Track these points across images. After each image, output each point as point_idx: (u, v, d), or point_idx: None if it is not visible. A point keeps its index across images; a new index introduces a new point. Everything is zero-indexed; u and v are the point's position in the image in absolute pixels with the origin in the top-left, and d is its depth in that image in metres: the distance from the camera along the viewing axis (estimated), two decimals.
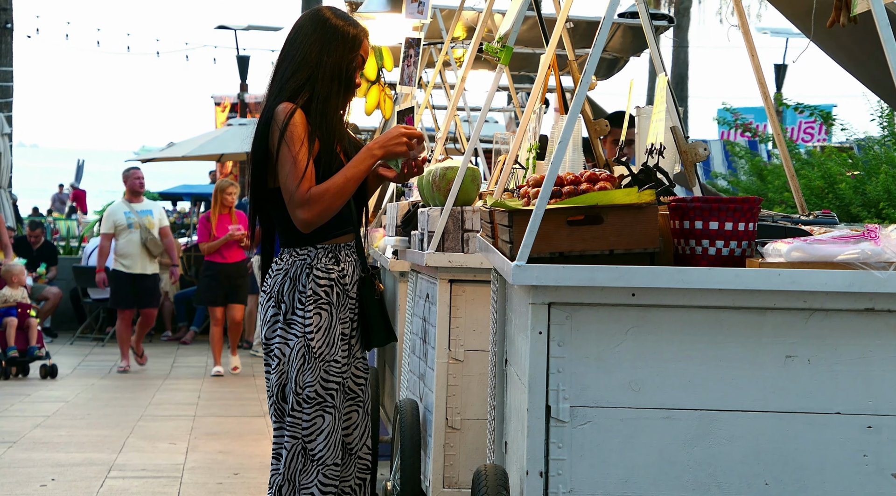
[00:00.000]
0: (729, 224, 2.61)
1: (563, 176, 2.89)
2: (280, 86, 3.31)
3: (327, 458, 3.29)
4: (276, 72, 3.39)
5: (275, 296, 3.32)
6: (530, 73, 10.81)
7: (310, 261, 3.31)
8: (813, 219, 3.15)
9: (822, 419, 2.48)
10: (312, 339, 3.28)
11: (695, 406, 2.49)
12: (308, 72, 3.30)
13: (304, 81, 3.29)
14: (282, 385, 3.32)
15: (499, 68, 4.56)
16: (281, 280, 3.33)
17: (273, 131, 3.26)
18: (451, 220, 4.36)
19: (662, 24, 9.18)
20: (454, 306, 4.29)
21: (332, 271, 3.32)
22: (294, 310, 3.30)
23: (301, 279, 3.30)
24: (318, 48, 3.30)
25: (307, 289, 3.29)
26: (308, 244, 3.33)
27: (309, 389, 3.28)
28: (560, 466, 2.49)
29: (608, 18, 2.60)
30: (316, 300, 3.29)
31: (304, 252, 3.33)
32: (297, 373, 3.28)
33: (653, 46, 4.09)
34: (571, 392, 2.51)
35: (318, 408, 3.30)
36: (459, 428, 4.25)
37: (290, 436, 3.30)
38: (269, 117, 3.28)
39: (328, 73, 3.30)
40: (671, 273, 2.49)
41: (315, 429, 3.29)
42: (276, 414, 3.35)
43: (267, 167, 3.30)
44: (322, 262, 3.31)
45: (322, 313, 3.29)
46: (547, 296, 2.51)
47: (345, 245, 3.37)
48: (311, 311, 3.29)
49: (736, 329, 2.50)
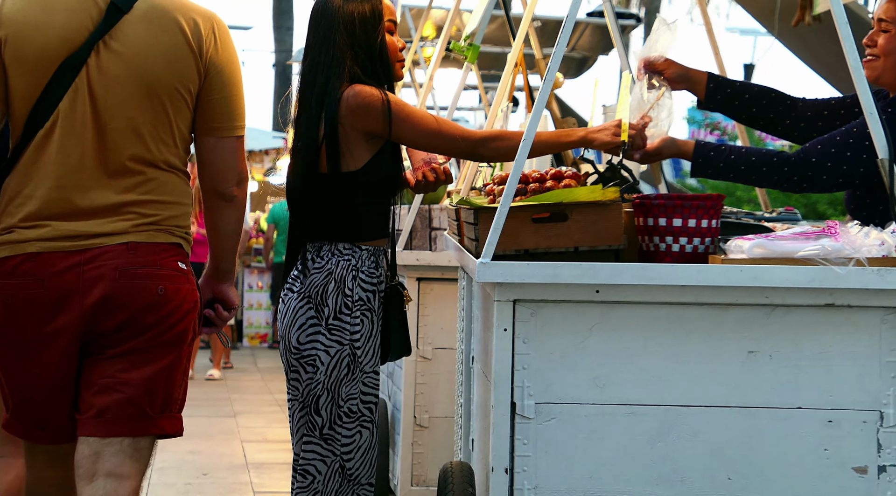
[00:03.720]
0: (692, 221, 2.63)
1: (529, 173, 2.90)
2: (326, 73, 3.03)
3: (362, 477, 3.08)
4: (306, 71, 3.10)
5: (313, 298, 3.03)
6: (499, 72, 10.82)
7: (355, 262, 3.05)
8: (776, 216, 3.18)
9: (783, 414, 2.51)
10: (359, 347, 3.04)
11: (658, 402, 2.51)
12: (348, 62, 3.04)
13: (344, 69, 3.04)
14: (316, 396, 3.05)
15: (466, 66, 4.57)
16: (323, 281, 3.04)
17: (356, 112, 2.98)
18: (418, 218, 4.37)
19: (630, 23, 9.24)
20: (422, 304, 4.30)
21: (374, 276, 3.08)
22: (337, 316, 3.03)
23: (347, 282, 3.03)
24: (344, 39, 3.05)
25: (353, 294, 3.04)
26: (350, 243, 3.05)
27: (351, 402, 3.05)
28: (525, 463, 2.50)
29: (571, 16, 2.62)
30: (362, 306, 3.05)
31: (348, 252, 3.05)
32: (340, 384, 3.03)
33: (618, 45, 4.12)
34: (536, 388, 2.52)
35: (357, 423, 3.07)
36: (427, 426, 4.26)
37: (329, 451, 3.06)
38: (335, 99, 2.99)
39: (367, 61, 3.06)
40: (635, 269, 2.51)
41: (354, 445, 3.06)
42: (308, 427, 3.07)
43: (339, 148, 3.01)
44: (366, 265, 3.07)
45: (366, 320, 3.06)
46: (512, 294, 2.52)
47: (382, 250, 3.13)
48: (357, 317, 3.04)
49: (699, 325, 2.52)
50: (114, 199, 2.69)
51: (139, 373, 2.71)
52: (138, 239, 2.69)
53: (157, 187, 2.73)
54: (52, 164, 2.68)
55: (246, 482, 5.80)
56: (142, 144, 2.72)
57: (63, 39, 2.66)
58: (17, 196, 2.69)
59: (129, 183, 2.71)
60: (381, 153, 3.04)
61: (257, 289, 12.69)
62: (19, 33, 2.65)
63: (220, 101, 2.78)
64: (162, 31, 2.71)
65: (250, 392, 9.09)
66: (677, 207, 2.63)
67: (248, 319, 12.71)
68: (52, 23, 2.65)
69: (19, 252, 2.66)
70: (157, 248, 2.71)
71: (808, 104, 3.18)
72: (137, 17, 2.69)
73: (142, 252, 2.68)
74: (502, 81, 4.35)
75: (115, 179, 2.70)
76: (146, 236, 2.70)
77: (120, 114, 2.69)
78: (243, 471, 6.06)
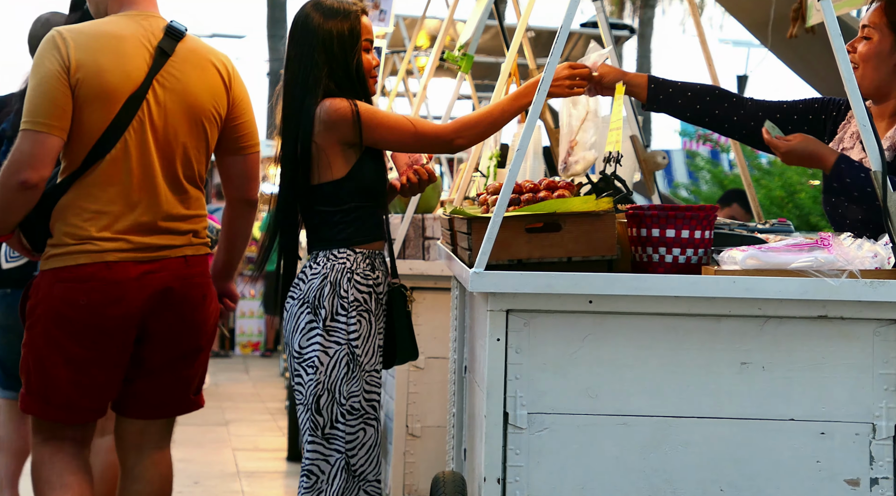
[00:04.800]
0: (685, 232, 2.63)
1: (522, 183, 2.90)
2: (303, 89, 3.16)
3: (368, 474, 3.14)
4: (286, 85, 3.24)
5: (310, 302, 3.13)
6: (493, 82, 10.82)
7: (349, 265, 3.15)
8: (769, 227, 3.18)
9: (776, 425, 2.51)
10: (357, 347, 3.12)
11: (651, 412, 2.51)
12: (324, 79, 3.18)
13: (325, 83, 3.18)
14: (317, 396, 3.11)
15: (459, 76, 4.58)
16: (319, 284, 3.14)
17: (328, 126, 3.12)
18: (411, 227, 4.37)
19: (623, 33, 9.25)
20: (415, 313, 4.28)
21: (369, 277, 3.17)
22: (334, 317, 3.12)
23: (342, 284, 3.13)
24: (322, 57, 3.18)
25: (349, 295, 3.13)
26: (345, 247, 3.16)
27: (353, 400, 3.12)
28: (517, 473, 2.50)
29: (565, 27, 2.62)
30: (358, 307, 3.14)
31: (342, 255, 3.15)
32: (340, 383, 3.11)
33: (612, 56, 4.12)
34: (529, 398, 2.51)
35: (361, 420, 3.13)
36: (419, 435, 4.25)
37: (333, 450, 3.12)
38: (309, 116, 3.13)
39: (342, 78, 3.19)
40: (627, 280, 2.51)
41: (357, 442, 3.13)
42: (311, 427, 3.14)
43: (310, 165, 3.15)
44: (361, 267, 3.16)
45: (363, 320, 3.14)
46: (505, 303, 2.52)
47: (378, 252, 3.22)
48: (353, 318, 3.13)
49: (692, 336, 2.52)
50: (175, 215, 3.22)
51: (184, 365, 3.29)
52: (191, 252, 3.24)
53: (196, 201, 3.27)
54: (123, 185, 3.15)
55: (237, 491, 5.79)
56: (190, 165, 3.24)
57: (127, 78, 3.15)
58: (85, 211, 3.15)
59: (184, 199, 3.24)
60: (362, 159, 3.18)
61: (249, 298, 12.66)
62: (92, 75, 3.12)
63: (243, 124, 3.32)
64: (201, 70, 3.24)
65: (242, 400, 9.07)
66: (670, 218, 2.63)
67: (241, 328, 12.67)
68: (118, 66, 3.14)
69: (97, 261, 3.14)
70: (202, 259, 3.28)
71: (759, 104, 3.18)
72: (181, 59, 3.21)
73: (193, 263, 3.24)
74: (496, 92, 4.35)
75: (176, 197, 3.22)
76: (194, 249, 3.25)
77: (176, 139, 3.21)
78: (234, 480, 6.05)
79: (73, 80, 3.10)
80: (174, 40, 3.20)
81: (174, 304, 3.20)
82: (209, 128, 3.25)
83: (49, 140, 3.09)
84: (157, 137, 3.18)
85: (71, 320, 3.14)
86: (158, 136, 3.18)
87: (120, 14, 3.22)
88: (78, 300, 3.13)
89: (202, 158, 3.26)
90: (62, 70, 3.10)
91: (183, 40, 3.22)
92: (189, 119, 3.21)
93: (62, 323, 3.14)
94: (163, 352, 3.24)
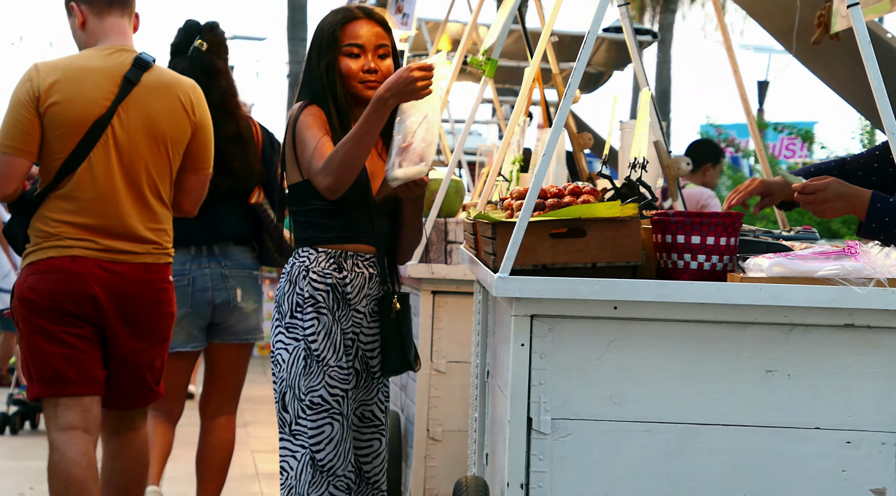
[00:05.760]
0: (711, 238, 2.62)
1: (547, 189, 2.90)
2: (295, 92, 3.31)
3: (337, 468, 3.12)
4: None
5: (277, 300, 3.21)
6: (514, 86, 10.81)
7: (308, 263, 3.17)
8: (794, 234, 3.17)
9: (801, 434, 2.50)
10: (314, 342, 3.13)
11: (675, 419, 2.50)
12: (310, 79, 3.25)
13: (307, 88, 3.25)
14: (282, 393, 3.16)
15: (483, 80, 4.58)
16: (283, 283, 3.21)
17: (287, 129, 3.21)
18: (434, 231, 4.37)
19: (646, 39, 9.24)
20: (436, 317, 4.30)
21: (330, 277, 3.16)
22: (293, 314, 3.16)
23: (298, 282, 3.16)
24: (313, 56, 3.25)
25: (304, 292, 3.15)
26: (308, 246, 3.20)
27: (313, 394, 3.12)
28: (541, 478, 2.50)
29: (593, 32, 2.61)
30: (314, 303, 3.15)
31: (304, 255, 3.19)
32: (299, 378, 3.13)
33: (637, 61, 4.11)
34: (553, 404, 2.51)
35: (325, 414, 3.12)
36: (440, 439, 4.25)
37: (299, 446, 3.12)
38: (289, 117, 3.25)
39: (315, 81, 3.23)
40: (653, 286, 2.50)
41: (324, 437, 3.11)
42: (280, 424, 3.20)
43: (285, 166, 3.24)
44: (321, 266, 3.16)
45: (321, 317, 3.15)
46: (529, 309, 2.52)
47: (354, 254, 3.19)
48: (309, 314, 3.14)
49: (717, 343, 2.51)
50: (137, 225, 3.63)
51: (142, 360, 3.71)
52: (151, 260, 3.67)
53: (160, 215, 3.69)
54: (89, 198, 3.59)
55: (257, 492, 5.80)
56: (153, 183, 3.66)
57: (93, 105, 3.58)
58: (57, 218, 3.59)
59: (148, 213, 3.65)
60: None
61: (268, 299, 12.69)
62: (60, 104, 3.56)
63: (203, 149, 3.77)
64: (165, 99, 3.66)
65: (261, 402, 9.08)
66: (696, 225, 2.62)
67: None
68: (84, 94, 3.58)
69: (64, 254, 3.59)
70: (161, 267, 3.70)
71: (855, 162, 3.15)
72: (145, 88, 3.63)
73: (152, 270, 3.66)
74: (520, 96, 4.35)
75: (140, 210, 3.63)
76: (154, 258, 3.68)
77: (138, 159, 3.63)
78: (254, 481, 6.06)
79: (43, 108, 3.55)
80: (141, 70, 3.63)
81: (131, 306, 3.62)
82: (171, 149, 3.68)
83: (16, 161, 3.56)
84: (122, 157, 3.60)
85: (36, 303, 3.57)
86: (122, 157, 3.60)
87: (93, 48, 3.68)
88: (42, 287, 3.56)
89: (165, 176, 3.69)
90: (31, 100, 3.56)
91: (149, 70, 3.64)
92: (151, 141, 3.64)
93: (30, 306, 3.58)
94: (123, 349, 3.65)
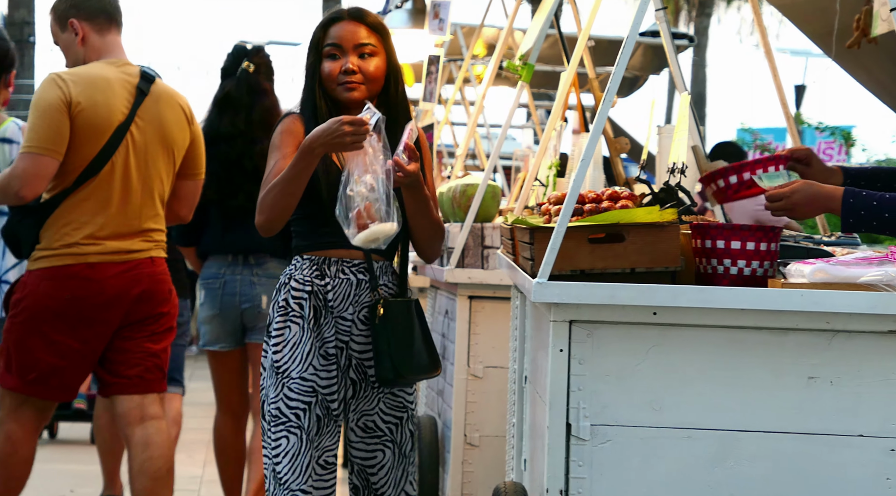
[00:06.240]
0: (751, 244, 2.61)
1: (585, 194, 2.89)
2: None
3: (292, 483, 3.02)
4: None
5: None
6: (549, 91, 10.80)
7: (292, 272, 3.12)
8: (835, 240, 3.14)
9: (844, 441, 2.47)
10: (276, 353, 3.07)
11: (715, 426, 2.49)
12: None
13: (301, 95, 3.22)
14: (262, 401, 3.13)
15: (520, 85, 4.58)
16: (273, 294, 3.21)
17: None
18: (471, 236, 4.37)
19: (683, 43, 9.20)
20: (473, 322, 4.30)
21: (310, 284, 3.08)
22: (273, 323, 3.11)
23: (280, 291, 3.12)
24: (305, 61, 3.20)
25: (280, 300, 3.10)
26: (297, 254, 3.15)
27: (272, 406, 3.06)
28: (580, 485, 2.49)
29: (632, 38, 2.61)
30: (286, 313, 3.08)
31: (292, 263, 3.14)
32: (267, 388, 3.09)
33: (674, 65, 4.10)
34: (592, 410, 2.50)
35: (282, 427, 3.04)
36: (478, 445, 4.25)
37: (265, 456, 3.08)
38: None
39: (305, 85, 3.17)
40: (692, 292, 2.49)
41: (280, 450, 3.04)
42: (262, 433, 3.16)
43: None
44: (303, 274, 3.09)
45: (292, 326, 3.07)
46: (568, 314, 2.51)
47: (339, 260, 3.09)
48: (279, 323, 3.09)
49: (757, 349, 2.50)
50: (147, 225, 3.92)
51: (160, 347, 3.98)
52: (156, 254, 3.95)
53: (161, 217, 3.98)
54: (108, 200, 3.84)
55: None
56: (162, 186, 3.96)
57: (114, 112, 3.84)
58: (74, 222, 3.83)
59: (154, 214, 3.94)
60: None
61: None
62: (87, 110, 3.80)
63: (198, 155, 4.08)
64: (171, 107, 3.96)
65: None
66: (736, 230, 2.61)
67: None
68: (107, 102, 3.84)
69: (80, 262, 3.82)
70: (162, 260, 3.99)
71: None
72: (154, 98, 3.92)
73: (157, 263, 3.95)
74: (557, 101, 4.34)
75: (148, 211, 3.92)
76: (158, 252, 3.97)
77: (153, 164, 3.92)
78: None
79: (74, 112, 3.77)
80: (149, 82, 3.91)
81: (146, 297, 3.89)
82: (177, 155, 3.98)
83: (51, 163, 3.76)
84: (138, 161, 3.87)
85: (54, 312, 3.80)
86: (139, 161, 3.87)
87: (101, 61, 3.91)
88: (62, 295, 3.79)
89: (169, 181, 3.99)
90: (63, 104, 3.76)
91: (155, 82, 3.93)
92: (163, 147, 3.92)
93: (46, 314, 3.80)
94: (139, 336, 3.92)
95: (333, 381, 3.09)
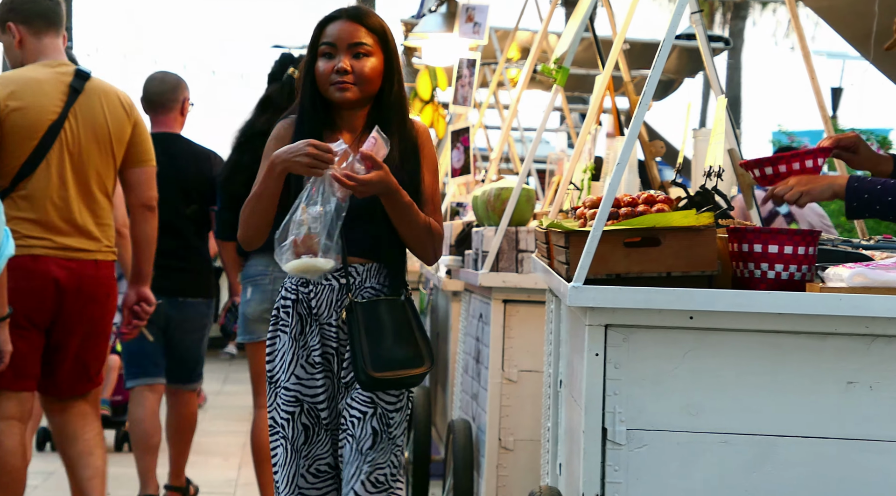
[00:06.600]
0: (788, 248, 2.59)
1: (620, 197, 2.88)
2: None
3: (282, 493, 3.08)
4: None
5: None
6: (583, 94, 10.77)
7: (285, 281, 3.16)
8: (874, 243, 3.11)
9: (883, 447, 2.45)
10: (269, 362, 3.12)
11: (753, 431, 2.47)
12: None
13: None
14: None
15: (554, 89, 4.57)
16: None
17: None
18: (505, 240, 4.37)
19: (719, 45, 9.15)
20: (508, 326, 4.29)
21: (295, 292, 3.09)
22: (269, 331, 3.16)
23: (276, 299, 3.16)
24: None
25: (274, 309, 3.14)
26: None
27: (269, 415, 3.12)
28: (616, 489, 2.48)
29: (668, 42, 2.60)
30: (277, 322, 3.12)
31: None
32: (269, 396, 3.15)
33: (711, 69, 4.08)
34: (628, 414, 2.49)
35: (277, 437, 3.09)
36: (512, 448, 4.24)
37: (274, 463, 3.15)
38: None
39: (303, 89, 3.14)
40: (730, 296, 2.48)
41: (277, 460, 3.09)
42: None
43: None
44: (291, 282, 3.11)
45: (281, 336, 3.11)
46: (604, 318, 2.51)
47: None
48: (271, 332, 3.13)
49: (795, 354, 2.48)
50: (88, 222, 4.03)
51: (87, 348, 4.09)
52: (101, 257, 4.09)
53: (105, 210, 4.09)
54: (45, 197, 3.97)
55: None
56: (101, 180, 4.08)
57: (46, 111, 3.98)
58: (16, 218, 3.92)
59: (96, 208, 4.05)
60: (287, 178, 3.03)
61: None
62: (17, 111, 3.94)
63: (143, 142, 4.20)
64: (107, 103, 4.10)
65: None
66: (773, 233, 2.59)
67: None
68: (38, 102, 3.98)
69: (25, 254, 3.93)
70: (108, 264, 4.11)
71: None
72: (89, 95, 4.06)
73: (101, 266, 4.09)
74: (591, 105, 4.33)
75: (88, 205, 4.03)
76: (103, 255, 4.10)
77: (89, 159, 4.05)
78: None
79: (2, 115, 3.92)
80: (83, 80, 4.04)
81: (83, 299, 4.01)
82: (116, 148, 4.10)
83: None
84: (73, 158, 4.00)
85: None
86: (73, 157, 4.00)
87: (37, 64, 4.07)
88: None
89: (110, 174, 4.11)
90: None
91: (89, 80, 4.05)
92: (98, 142, 4.05)
93: None
94: (72, 338, 4.04)
95: (321, 389, 3.08)
